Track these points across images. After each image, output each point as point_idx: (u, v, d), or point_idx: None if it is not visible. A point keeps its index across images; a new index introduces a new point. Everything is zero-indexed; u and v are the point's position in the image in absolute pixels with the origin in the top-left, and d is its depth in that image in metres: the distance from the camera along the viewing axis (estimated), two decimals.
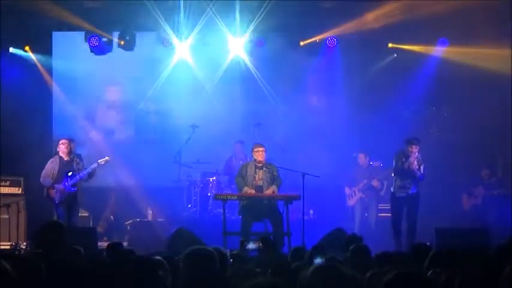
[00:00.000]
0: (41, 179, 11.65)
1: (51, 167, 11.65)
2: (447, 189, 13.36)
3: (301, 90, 14.77)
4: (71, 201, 11.64)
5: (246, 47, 13.98)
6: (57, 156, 11.72)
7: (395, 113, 13.74)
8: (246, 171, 11.38)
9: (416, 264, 6.32)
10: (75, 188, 11.61)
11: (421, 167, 11.55)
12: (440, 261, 6.20)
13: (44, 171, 11.66)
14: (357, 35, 13.84)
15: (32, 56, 13.65)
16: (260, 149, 11.33)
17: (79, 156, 12.03)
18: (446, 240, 10.42)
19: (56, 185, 11.55)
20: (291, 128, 14.74)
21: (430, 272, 5.95)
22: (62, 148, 11.67)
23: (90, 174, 11.72)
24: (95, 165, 11.71)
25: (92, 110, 14.74)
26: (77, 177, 11.58)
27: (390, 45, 13.97)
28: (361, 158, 13.43)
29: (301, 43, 13.99)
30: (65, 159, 11.67)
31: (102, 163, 11.81)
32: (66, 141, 11.74)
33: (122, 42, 13.66)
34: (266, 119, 14.50)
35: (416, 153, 11.53)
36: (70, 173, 11.55)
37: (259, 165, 11.34)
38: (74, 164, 11.68)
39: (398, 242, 11.50)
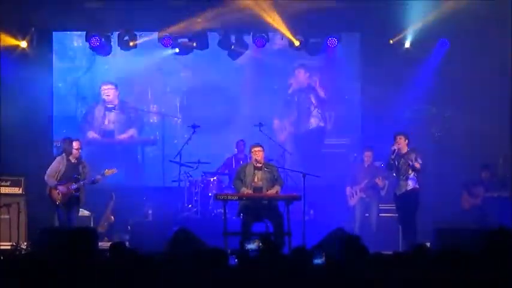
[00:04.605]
0: (46, 177, 11.59)
1: (57, 167, 11.56)
2: (447, 189, 13.36)
3: (303, 90, 14.78)
4: (72, 203, 11.62)
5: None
6: (65, 157, 11.62)
7: (396, 113, 13.74)
8: (245, 173, 11.35)
9: (415, 265, 6.33)
10: (78, 193, 11.61)
11: (418, 159, 11.56)
12: (440, 262, 6.21)
13: (49, 170, 11.58)
14: (358, 33, 13.94)
15: (32, 55, 13.65)
16: (257, 149, 11.30)
17: (81, 157, 12.06)
18: (446, 240, 10.43)
19: (59, 187, 11.49)
20: (292, 128, 14.78)
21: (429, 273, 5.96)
22: (74, 150, 11.56)
23: (94, 182, 11.74)
24: (99, 177, 11.72)
25: (92, 110, 14.74)
26: (81, 183, 11.56)
27: (391, 41, 13.94)
28: (367, 156, 13.34)
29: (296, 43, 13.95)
30: (73, 161, 11.61)
31: (108, 174, 11.83)
32: (79, 144, 11.66)
33: (125, 42, 13.67)
34: (267, 119, 14.53)
35: (403, 147, 11.60)
36: (74, 185, 11.56)
37: (258, 165, 11.32)
38: (80, 168, 11.63)
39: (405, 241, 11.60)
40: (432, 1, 13.12)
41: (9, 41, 13.22)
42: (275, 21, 13.31)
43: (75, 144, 11.62)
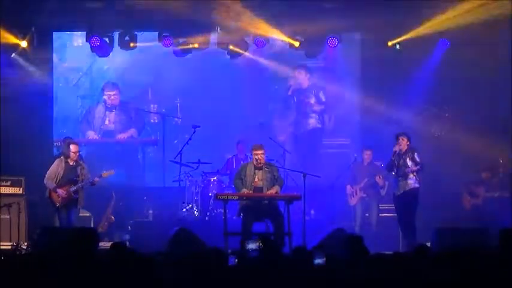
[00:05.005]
0: (45, 180, 11.76)
1: (55, 169, 11.73)
2: (448, 189, 13.36)
3: (303, 90, 14.78)
4: (71, 205, 11.80)
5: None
6: (63, 159, 11.78)
7: (396, 113, 13.74)
8: (245, 173, 11.36)
9: (415, 265, 6.33)
10: (77, 195, 11.77)
11: (415, 156, 11.55)
12: (441, 262, 6.21)
13: (48, 173, 11.74)
14: (358, 34, 13.94)
15: (32, 55, 13.64)
16: (259, 152, 11.31)
17: (81, 157, 12.13)
18: (447, 240, 10.43)
19: (58, 190, 11.66)
20: (292, 128, 14.78)
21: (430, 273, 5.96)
22: (71, 153, 11.72)
23: (92, 184, 11.90)
24: (97, 179, 11.89)
25: (93, 110, 14.73)
26: (80, 185, 11.73)
27: (390, 43, 13.93)
28: (367, 155, 13.35)
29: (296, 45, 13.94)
30: (71, 163, 11.77)
31: (105, 176, 12.04)
32: (77, 147, 11.84)
33: (126, 42, 13.68)
34: (267, 119, 14.53)
35: (404, 146, 11.57)
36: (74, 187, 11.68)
37: (259, 165, 11.34)
38: (79, 169, 11.80)
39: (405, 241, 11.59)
40: (433, 1, 13.11)
41: (10, 38, 13.22)
42: (274, 33, 13.43)
43: (72, 148, 11.75)
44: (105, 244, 11.06)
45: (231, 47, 13.86)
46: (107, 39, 13.66)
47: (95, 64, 15.19)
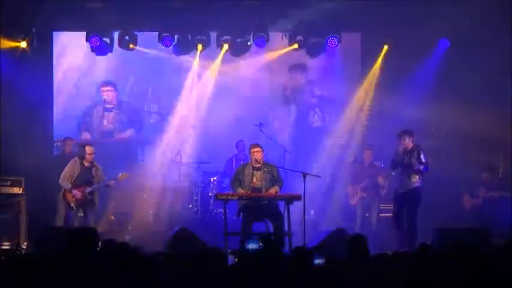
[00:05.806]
0: (60, 181, 11.89)
1: (71, 171, 11.87)
2: (448, 189, 13.36)
3: (303, 90, 14.79)
4: (87, 207, 11.95)
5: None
6: (77, 160, 11.93)
7: (396, 113, 13.73)
8: (244, 173, 11.35)
9: (416, 265, 6.34)
10: (92, 196, 11.93)
11: (421, 157, 11.54)
12: (442, 261, 6.21)
13: (63, 173, 11.88)
14: (358, 33, 13.96)
15: (32, 55, 13.65)
16: (256, 149, 11.31)
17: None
18: (447, 240, 10.42)
19: (74, 191, 11.81)
20: (292, 128, 14.79)
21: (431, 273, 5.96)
22: (87, 155, 11.89)
23: (107, 186, 12.10)
24: (113, 181, 12.06)
25: (91, 110, 14.74)
26: (95, 186, 11.89)
27: (388, 44, 13.95)
28: (367, 155, 13.38)
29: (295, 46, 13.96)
30: (86, 165, 11.92)
31: (121, 179, 12.14)
32: (92, 148, 11.98)
33: (126, 42, 13.69)
34: (267, 119, 14.54)
35: (409, 144, 11.56)
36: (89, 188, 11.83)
37: (257, 165, 11.32)
38: (93, 171, 11.94)
39: (400, 240, 11.53)
40: (433, 1, 13.12)
41: (9, 44, 13.24)
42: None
43: (87, 149, 11.96)
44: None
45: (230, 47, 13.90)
46: (107, 40, 13.67)
47: (95, 64, 15.19)
